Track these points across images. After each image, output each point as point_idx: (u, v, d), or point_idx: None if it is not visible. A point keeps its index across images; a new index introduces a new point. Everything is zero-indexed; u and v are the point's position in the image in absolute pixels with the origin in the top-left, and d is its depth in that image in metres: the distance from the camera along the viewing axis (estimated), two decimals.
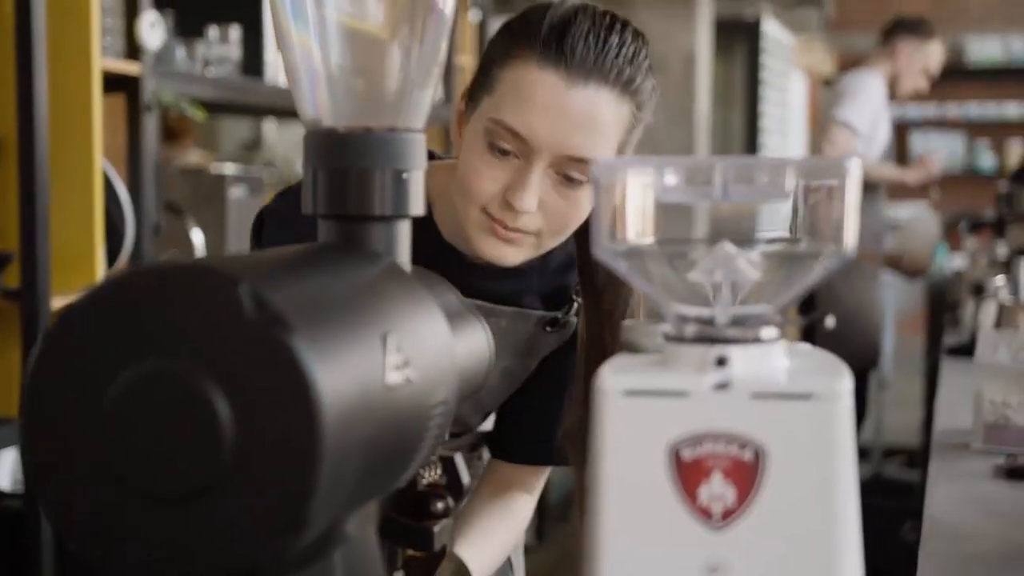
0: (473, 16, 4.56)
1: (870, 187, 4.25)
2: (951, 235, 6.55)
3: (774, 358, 0.65)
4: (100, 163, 2.52)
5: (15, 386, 2.41)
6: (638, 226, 0.66)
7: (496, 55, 1.23)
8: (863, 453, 5.11)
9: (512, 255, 1.23)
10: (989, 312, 2.70)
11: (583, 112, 1.18)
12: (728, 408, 0.62)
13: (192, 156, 4.28)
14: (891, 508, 3.81)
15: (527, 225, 1.21)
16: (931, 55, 4.43)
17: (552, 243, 1.25)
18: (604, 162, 0.65)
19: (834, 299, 3.80)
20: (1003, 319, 2.70)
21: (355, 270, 0.68)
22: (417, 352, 0.66)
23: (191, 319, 0.56)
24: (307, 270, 0.64)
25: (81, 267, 2.49)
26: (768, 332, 0.65)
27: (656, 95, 1.26)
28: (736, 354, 0.64)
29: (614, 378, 0.64)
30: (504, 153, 1.19)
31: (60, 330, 0.57)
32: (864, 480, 4.97)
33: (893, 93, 4.42)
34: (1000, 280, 2.79)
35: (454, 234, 1.31)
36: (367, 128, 0.73)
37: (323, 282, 0.63)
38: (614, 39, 1.20)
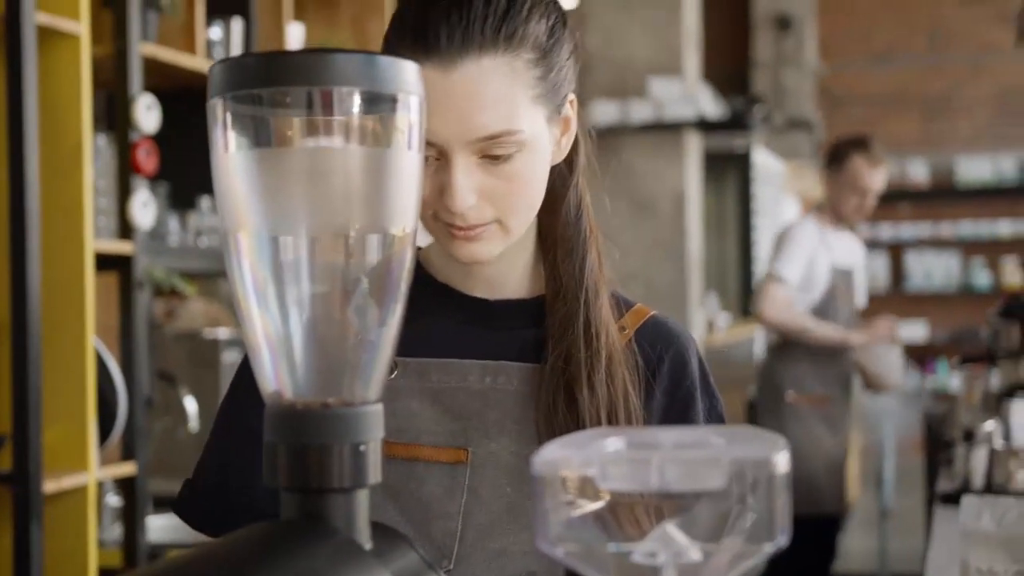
0: None
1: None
2: (949, 355, 6.56)
3: None
4: (92, 344, 2.54)
5: (7, 572, 2.40)
6: (581, 512, 0.68)
7: None
8: None
9: (482, 250, 1.20)
10: (980, 458, 2.70)
11: (468, 93, 1.14)
12: None
13: (194, 304, 4.33)
14: None
15: (479, 218, 1.18)
16: (852, 175, 4.32)
17: (517, 223, 1.21)
18: (544, 456, 0.68)
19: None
20: (995, 465, 2.70)
21: (308, 559, 0.70)
22: None
23: None
24: (257, 569, 0.66)
25: (73, 449, 2.50)
26: None
27: (560, 23, 1.20)
28: None
29: None
30: (427, 160, 1.15)
31: None
32: None
33: (841, 220, 4.42)
34: (990, 425, 2.80)
35: (443, 270, 1.29)
36: (325, 404, 0.76)
37: None
38: (477, 1, 1.15)
